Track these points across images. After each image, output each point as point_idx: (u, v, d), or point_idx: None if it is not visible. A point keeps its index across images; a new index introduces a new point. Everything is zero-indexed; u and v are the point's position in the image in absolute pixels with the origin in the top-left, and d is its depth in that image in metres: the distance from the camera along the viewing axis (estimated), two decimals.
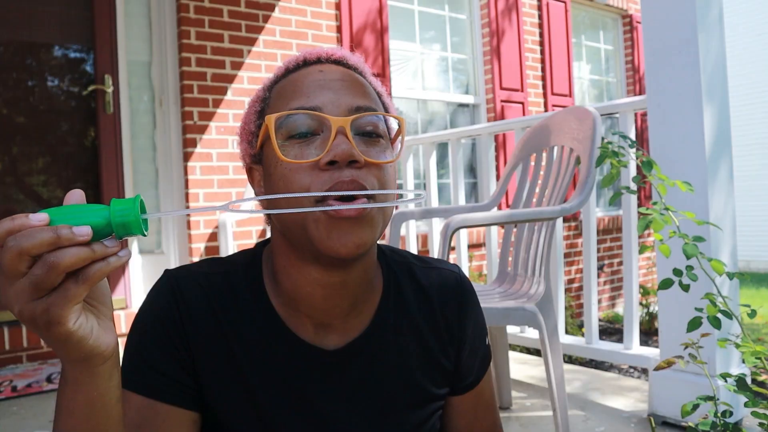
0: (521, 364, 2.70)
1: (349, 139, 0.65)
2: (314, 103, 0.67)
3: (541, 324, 1.62)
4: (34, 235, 0.46)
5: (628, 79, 5.97)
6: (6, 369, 2.69)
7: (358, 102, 0.69)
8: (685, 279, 1.12)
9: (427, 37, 4.61)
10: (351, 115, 0.67)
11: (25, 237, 0.46)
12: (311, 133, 0.67)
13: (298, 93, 0.69)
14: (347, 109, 0.68)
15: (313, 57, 0.74)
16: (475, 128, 3.03)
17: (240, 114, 3.46)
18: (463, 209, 2.24)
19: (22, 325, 2.77)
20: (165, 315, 0.71)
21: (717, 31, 1.83)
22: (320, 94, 0.68)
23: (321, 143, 0.66)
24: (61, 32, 3.15)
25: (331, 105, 0.67)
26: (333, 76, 0.70)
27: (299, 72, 0.72)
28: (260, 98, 0.75)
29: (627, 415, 1.99)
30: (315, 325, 0.73)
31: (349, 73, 0.72)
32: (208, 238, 3.31)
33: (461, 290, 0.83)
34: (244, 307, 0.73)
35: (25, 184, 3.06)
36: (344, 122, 0.65)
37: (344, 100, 0.68)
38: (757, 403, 1.02)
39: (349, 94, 0.69)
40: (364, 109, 0.68)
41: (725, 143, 1.83)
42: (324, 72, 0.71)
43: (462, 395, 0.84)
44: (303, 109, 0.67)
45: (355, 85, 0.71)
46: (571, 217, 4.98)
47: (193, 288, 0.72)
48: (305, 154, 0.66)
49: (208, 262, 0.77)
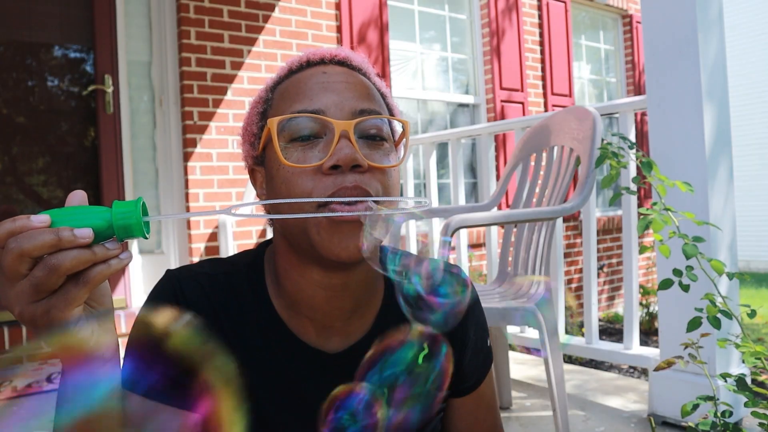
0: (521, 364, 2.70)
1: (353, 143, 0.64)
2: (317, 105, 0.66)
3: (541, 324, 1.62)
4: (36, 237, 0.46)
5: (628, 79, 5.97)
6: (6, 369, 2.69)
7: (362, 105, 0.67)
8: (685, 279, 1.12)
9: (427, 37, 4.61)
10: (355, 119, 0.66)
11: (26, 238, 0.46)
12: (314, 137, 0.66)
13: (301, 95, 0.68)
14: (351, 111, 0.66)
15: (317, 58, 0.73)
16: (475, 128, 3.03)
17: (240, 114, 3.46)
18: (463, 209, 2.24)
19: (22, 326, 2.77)
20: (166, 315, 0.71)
21: (717, 31, 1.83)
22: (323, 96, 0.67)
23: (324, 146, 0.65)
24: (61, 32, 3.15)
25: (335, 108, 0.66)
26: (337, 77, 0.69)
27: (302, 73, 0.71)
28: (263, 99, 0.74)
29: (627, 415, 1.99)
30: (317, 328, 0.73)
31: (353, 75, 0.71)
32: (208, 238, 3.31)
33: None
34: (245, 308, 0.73)
35: (25, 184, 3.06)
36: (347, 126, 0.64)
37: (348, 103, 0.67)
38: (757, 403, 1.02)
39: (352, 96, 0.68)
40: (368, 112, 0.67)
41: (725, 143, 1.83)
42: (327, 73, 0.69)
43: (463, 397, 0.84)
44: (306, 112, 0.66)
45: (359, 87, 0.69)
46: (571, 217, 4.98)
47: (194, 288, 0.72)
48: (308, 158, 0.65)
49: (210, 263, 0.76)
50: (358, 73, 0.72)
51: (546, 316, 1.66)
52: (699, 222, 1.20)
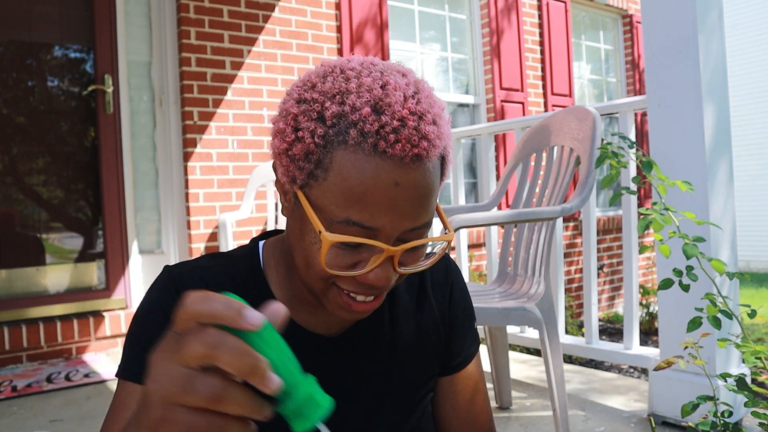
0: (521, 364, 2.70)
1: (395, 268, 0.63)
2: (376, 224, 0.60)
3: (541, 324, 1.62)
4: (238, 357, 0.39)
5: (628, 79, 5.97)
6: (6, 369, 2.69)
7: (417, 222, 0.62)
8: (685, 279, 1.12)
9: (427, 37, 4.61)
10: (404, 238, 0.63)
11: (228, 349, 0.39)
12: (358, 245, 0.62)
13: (362, 205, 0.59)
14: (404, 230, 0.62)
15: (397, 153, 0.59)
16: (475, 128, 3.03)
17: (240, 114, 3.46)
18: (463, 209, 2.24)
19: (22, 326, 2.77)
20: (166, 307, 0.71)
21: (717, 31, 1.83)
22: (385, 215, 0.60)
23: (365, 254, 0.62)
24: (61, 32, 3.15)
25: (390, 227, 0.61)
26: (407, 193, 0.60)
27: (372, 167, 0.59)
28: (324, 133, 0.60)
29: (627, 415, 1.99)
30: (314, 312, 0.75)
31: (424, 185, 0.61)
32: (208, 238, 3.31)
33: (449, 273, 0.86)
34: (243, 295, 0.74)
35: (25, 184, 3.06)
36: (395, 252, 0.61)
37: (405, 224, 0.61)
38: (757, 403, 1.03)
39: (412, 216, 0.61)
40: (420, 227, 0.63)
41: (725, 143, 1.83)
42: (399, 187, 0.59)
43: (451, 375, 0.86)
44: (361, 227, 0.60)
45: (423, 203, 0.62)
46: (571, 217, 4.98)
47: (193, 279, 0.73)
48: (344, 256, 0.62)
49: (207, 257, 0.78)
50: (428, 172, 0.61)
51: (546, 316, 1.66)
52: (699, 222, 1.20)
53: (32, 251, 3.04)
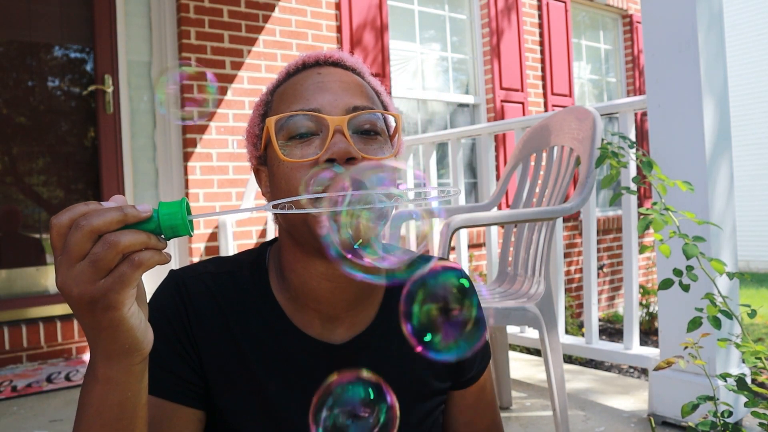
0: (521, 364, 2.70)
1: (347, 138, 0.67)
2: (313, 105, 0.70)
3: (541, 324, 1.62)
4: (104, 214, 0.50)
5: (628, 79, 5.97)
6: (6, 369, 2.69)
7: (356, 102, 0.71)
8: (685, 279, 1.12)
9: (427, 37, 4.61)
10: (348, 115, 0.70)
11: (95, 216, 0.50)
12: (311, 134, 0.69)
13: (298, 95, 0.72)
14: (345, 109, 0.70)
15: (312, 60, 0.77)
16: (475, 128, 3.03)
17: (240, 114, 3.46)
18: (463, 209, 2.24)
19: (22, 326, 2.77)
20: (172, 314, 0.72)
21: (717, 30, 1.83)
22: (319, 96, 0.71)
23: (320, 143, 0.69)
24: (61, 32, 3.15)
25: (329, 106, 0.70)
26: (331, 77, 0.73)
27: (299, 75, 0.75)
28: (263, 102, 0.78)
29: (627, 415, 1.99)
30: (322, 320, 0.75)
31: (347, 74, 0.75)
32: (208, 238, 3.31)
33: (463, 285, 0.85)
34: (250, 304, 0.75)
35: (25, 184, 3.06)
36: (341, 121, 0.68)
37: (342, 101, 0.71)
38: (757, 403, 1.03)
39: (346, 94, 0.72)
40: (361, 108, 0.71)
41: (725, 143, 1.83)
42: (322, 74, 0.73)
43: (463, 390, 0.85)
44: (302, 110, 0.70)
45: (352, 86, 0.73)
46: (571, 217, 4.98)
47: (199, 287, 0.73)
48: (305, 154, 0.68)
49: (213, 262, 0.78)
50: (352, 72, 0.77)
51: (546, 316, 1.66)
52: (699, 221, 1.20)
53: (32, 251, 3.04)
